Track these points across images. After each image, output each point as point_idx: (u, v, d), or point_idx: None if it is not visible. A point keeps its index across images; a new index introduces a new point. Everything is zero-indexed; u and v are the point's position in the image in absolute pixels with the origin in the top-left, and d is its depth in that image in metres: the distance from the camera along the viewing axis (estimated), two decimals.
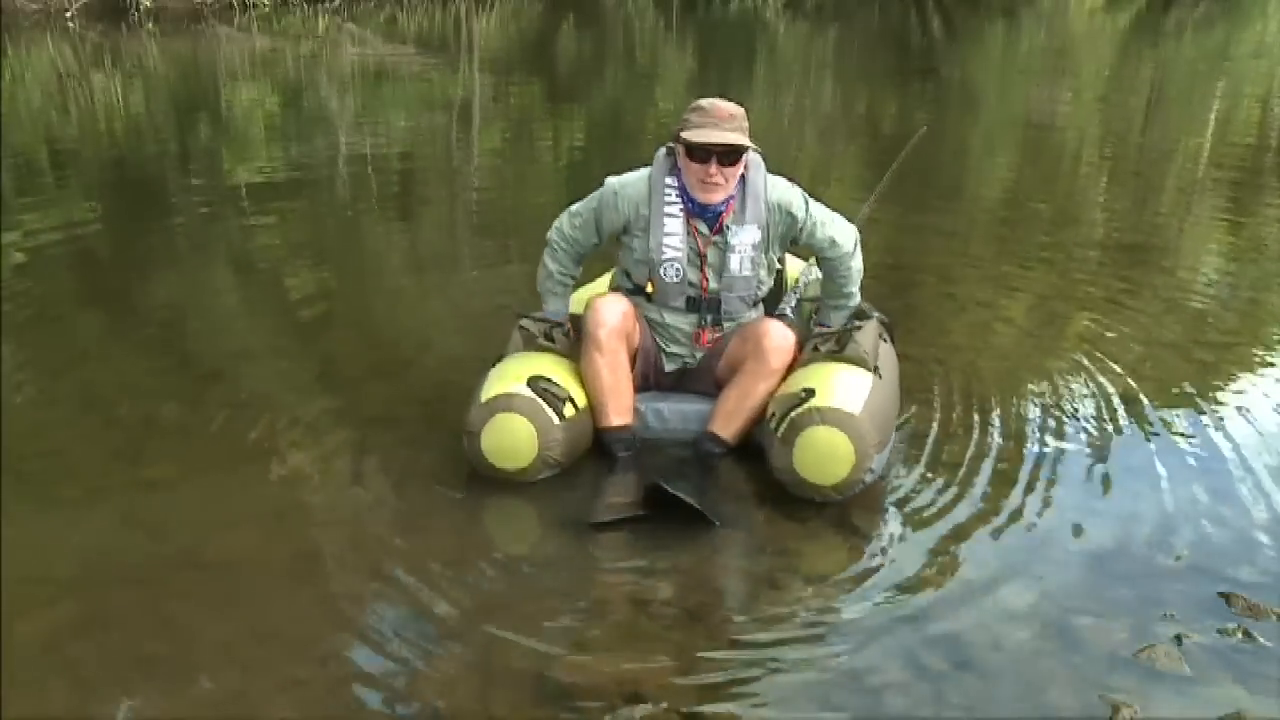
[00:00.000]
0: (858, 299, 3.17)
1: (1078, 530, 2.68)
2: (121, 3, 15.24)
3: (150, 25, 15.01)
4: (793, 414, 2.72)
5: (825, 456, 2.67)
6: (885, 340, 3.11)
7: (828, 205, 3.10)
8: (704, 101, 2.89)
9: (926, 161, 7.75)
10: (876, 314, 3.16)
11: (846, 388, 2.77)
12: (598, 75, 13.67)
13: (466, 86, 11.54)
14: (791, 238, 3.05)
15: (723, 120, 2.84)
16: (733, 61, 14.77)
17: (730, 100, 2.94)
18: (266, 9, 16.81)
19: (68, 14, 14.86)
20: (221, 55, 13.25)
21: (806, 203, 3.02)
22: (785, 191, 3.01)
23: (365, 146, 7.96)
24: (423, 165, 7.73)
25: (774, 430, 2.76)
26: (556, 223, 3.13)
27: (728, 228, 2.96)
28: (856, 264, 3.11)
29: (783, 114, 10.12)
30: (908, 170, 3.79)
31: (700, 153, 2.84)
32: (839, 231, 3.05)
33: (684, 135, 2.85)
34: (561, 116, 9.99)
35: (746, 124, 2.90)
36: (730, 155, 2.85)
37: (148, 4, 15.38)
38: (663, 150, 3.01)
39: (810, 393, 2.73)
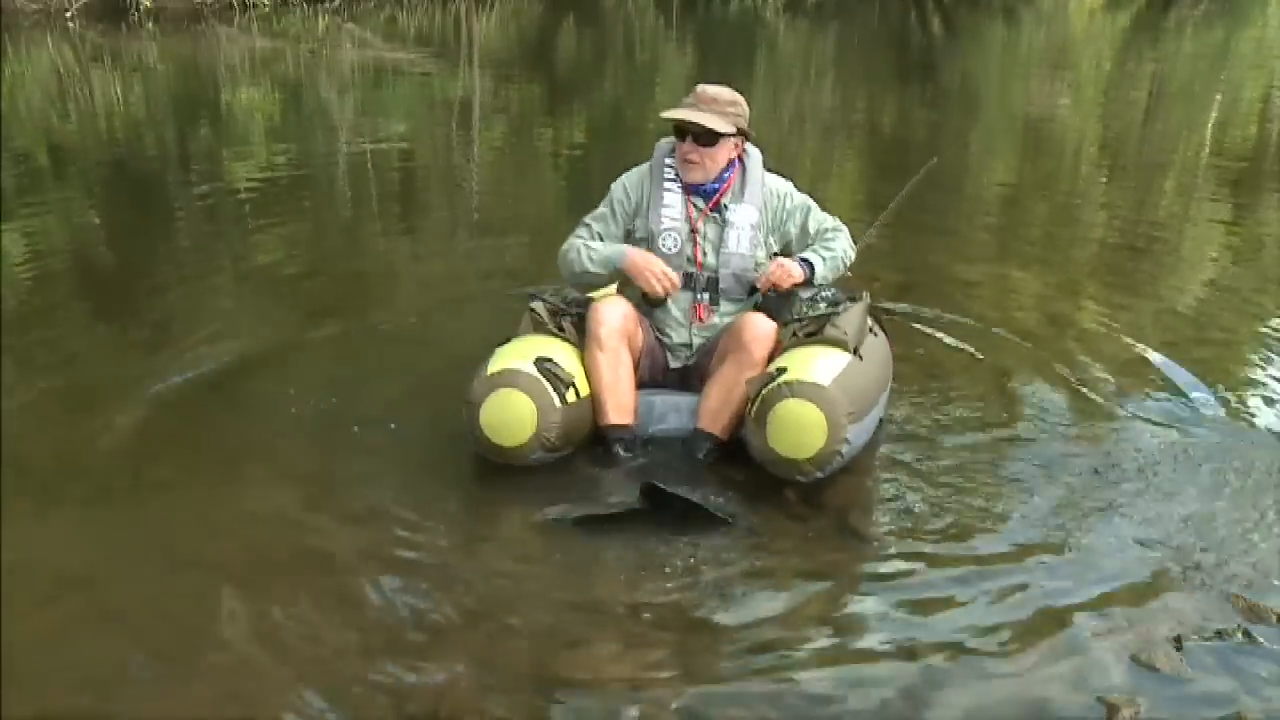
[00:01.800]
0: (836, 262, 3.13)
1: (1077, 530, 2.67)
2: (121, 3, 15.21)
3: (150, 25, 15.00)
4: (763, 392, 2.76)
5: (796, 429, 2.69)
6: (876, 334, 3.15)
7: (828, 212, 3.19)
8: (698, 86, 3.07)
9: (926, 160, 7.76)
10: (870, 300, 3.20)
11: (817, 363, 2.81)
12: (598, 75, 13.67)
13: (466, 86, 11.53)
14: (791, 225, 3.14)
15: (702, 103, 3.00)
16: (733, 61, 14.76)
17: (733, 94, 3.06)
18: (266, 9, 16.79)
19: (68, 14, 14.85)
20: (221, 55, 13.25)
21: (805, 198, 3.17)
22: (780, 180, 3.18)
23: (365, 145, 7.96)
24: (423, 164, 7.73)
25: (749, 411, 2.81)
26: (572, 235, 3.14)
27: (725, 205, 3.08)
28: (848, 240, 3.17)
29: (783, 113, 10.12)
30: (905, 167, 3.80)
31: (680, 131, 3.01)
32: (832, 220, 3.19)
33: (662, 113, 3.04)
34: (561, 116, 9.99)
35: (735, 110, 3.03)
36: (705, 137, 2.98)
37: (148, 4, 15.35)
38: (665, 139, 3.16)
39: (781, 370, 2.78)
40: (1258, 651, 2.21)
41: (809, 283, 3.09)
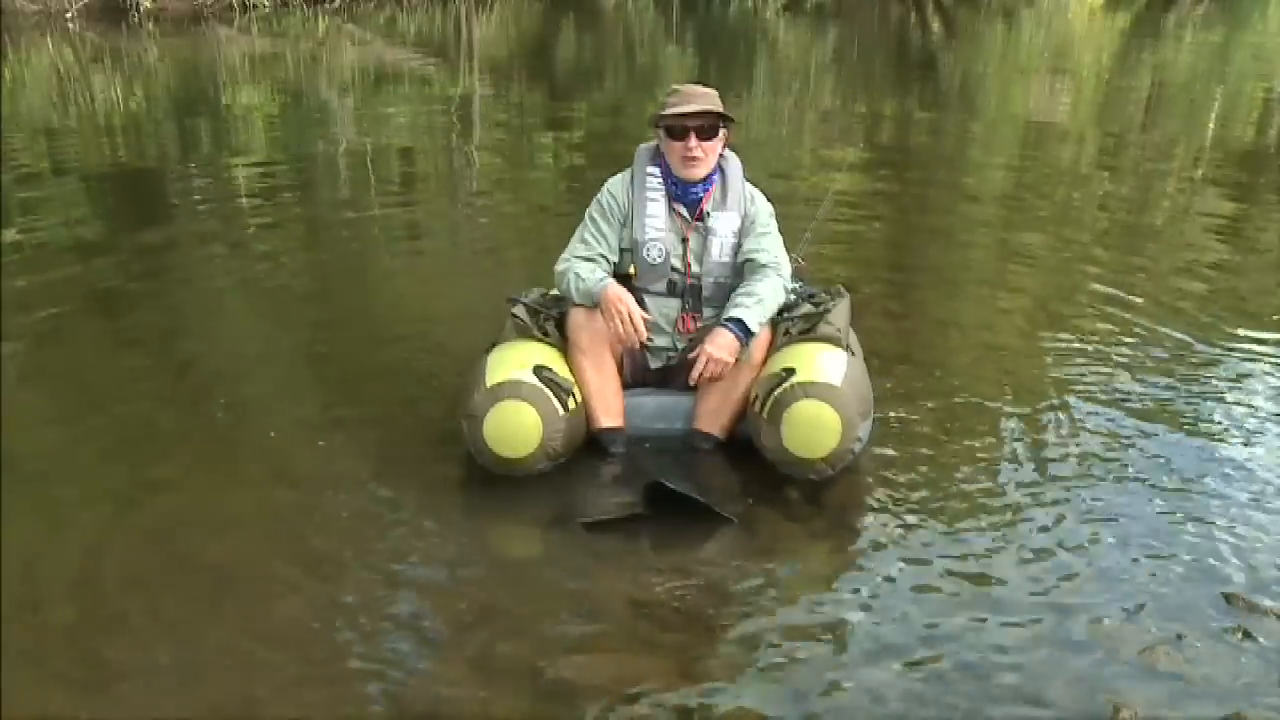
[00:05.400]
0: (766, 309, 2.97)
1: (1078, 530, 2.67)
2: (121, 3, 15.25)
3: (150, 26, 15.01)
4: (775, 393, 2.77)
5: (813, 429, 2.72)
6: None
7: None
8: (677, 85, 3.07)
9: (926, 161, 7.76)
10: (850, 297, 3.21)
11: (824, 363, 2.82)
12: (598, 76, 13.67)
13: (466, 87, 11.54)
14: (745, 235, 3.08)
15: (696, 97, 2.99)
16: (733, 61, 14.77)
17: (711, 88, 3.06)
18: (266, 10, 16.82)
19: (68, 14, 14.88)
20: (221, 56, 13.26)
21: (770, 209, 3.11)
22: (757, 191, 3.15)
23: (365, 147, 7.96)
24: (422, 166, 7.73)
25: (759, 412, 2.81)
26: (569, 253, 3.05)
27: (708, 214, 3.06)
28: (776, 284, 3.01)
29: (782, 114, 10.11)
30: (906, 168, 3.79)
31: (679, 130, 2.96)
32: (770, 255, 3.04)
33: (661, 114, 2.99)
34: (561, 117, 9.98)
35: (720, 104, 3.03)
36: (708, 131, 2.97)
37: (148, 5, 15.39)
38: (644, 145, 3.14)
39: (790, 371, 2.79)
40: (1258, 651, 2.21)
41: (744, 345, 2.91)
